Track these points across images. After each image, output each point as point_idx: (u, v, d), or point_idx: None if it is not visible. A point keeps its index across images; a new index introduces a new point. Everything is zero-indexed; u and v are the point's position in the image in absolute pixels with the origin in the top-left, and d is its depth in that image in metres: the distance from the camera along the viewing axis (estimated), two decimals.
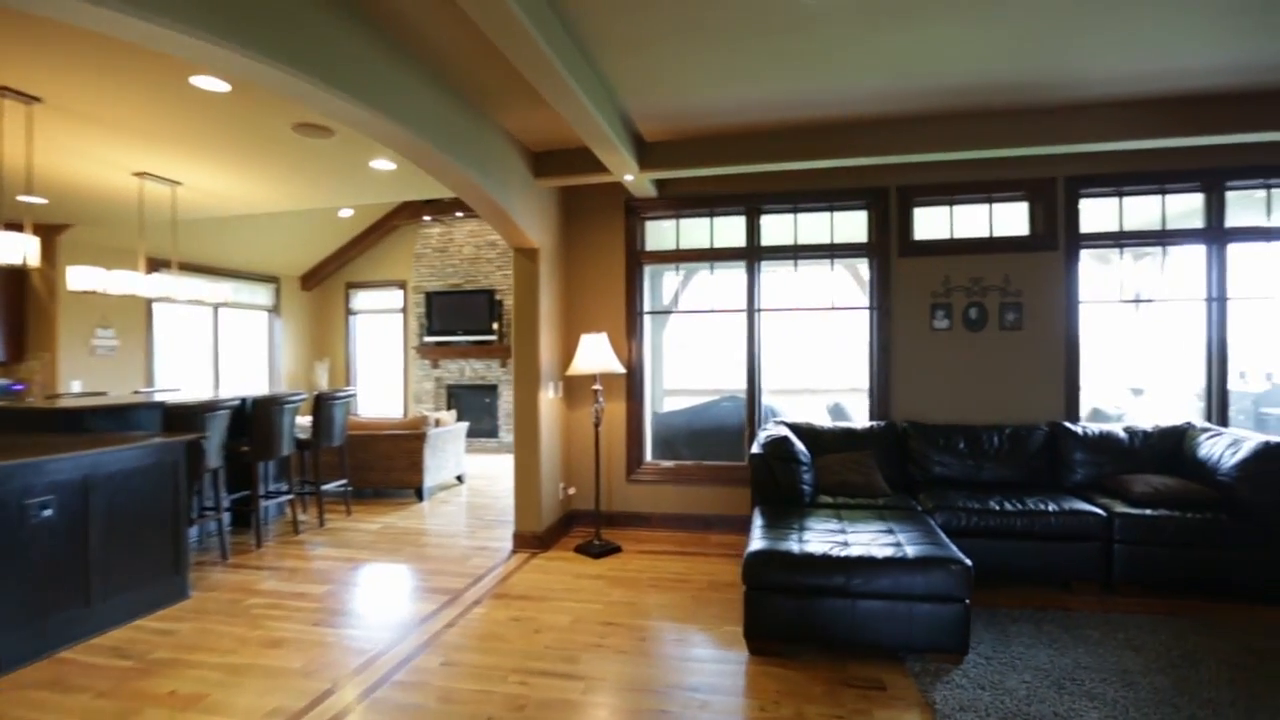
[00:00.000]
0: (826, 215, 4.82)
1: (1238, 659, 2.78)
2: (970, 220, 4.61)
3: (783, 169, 4.32)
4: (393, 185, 5.29)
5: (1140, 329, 5.22)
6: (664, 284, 5.76)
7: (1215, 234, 4.27)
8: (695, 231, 5.07)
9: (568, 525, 4.98)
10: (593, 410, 4.55)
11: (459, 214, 8.69)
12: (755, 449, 4.04)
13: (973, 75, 3.33)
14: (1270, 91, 3.56)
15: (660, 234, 5.19)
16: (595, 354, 4.45)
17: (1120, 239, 4.40)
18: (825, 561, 2.84)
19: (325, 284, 9.57)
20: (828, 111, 3.81)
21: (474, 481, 6.84)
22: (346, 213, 8.29)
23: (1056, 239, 4.42)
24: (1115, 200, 4.41)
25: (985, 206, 4.57)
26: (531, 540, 4.48)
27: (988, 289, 4.50)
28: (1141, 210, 4.45)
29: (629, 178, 4.41)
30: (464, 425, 6.74)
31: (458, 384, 8.94)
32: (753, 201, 4.86)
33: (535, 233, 4.46)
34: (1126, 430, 4.11)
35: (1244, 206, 4.33)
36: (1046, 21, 2.80)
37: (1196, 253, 4.36)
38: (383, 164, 4.65)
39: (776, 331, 5.31)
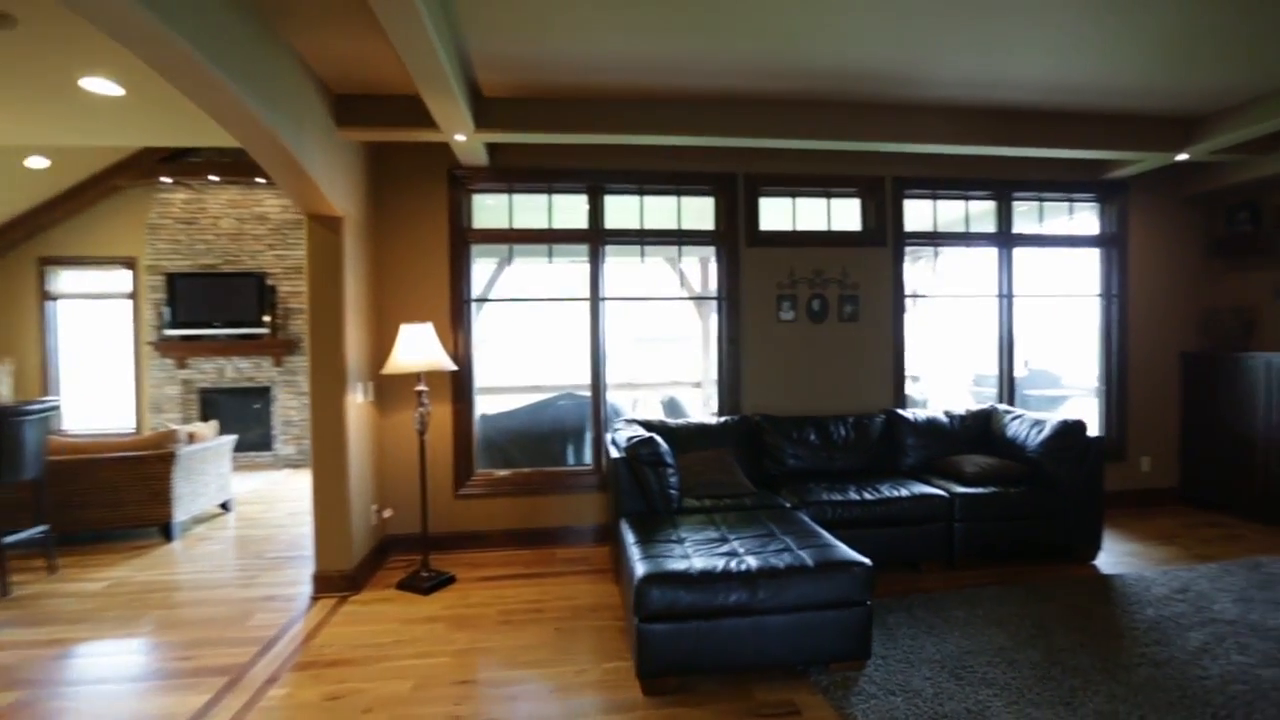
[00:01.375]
0: (674, 200, 4.56)
1: (1073, 620, 3.00)
2: (811, 213, 4.66)
3: (633, 142, 3.93)
4: (116, 121, 3.93)
5: (920, 322, 5.78)
6: (481, 268, 5.08)
7: (1005, 238, 4.81)
8: (530, 209, 4.49)
9: (384, 555, 4.11)
10: (416, 415, 3.77)
11: (213, 178, 7.01)
12: (617, 452, 3.62)
13: (842, 57, 3.25)
14: (1058, 112, 4.01)
15: (490, 210, 4.52)
16: (420, 348, 3.67)
17: (935, 238, 4.76)
18: (727, 578, 2.51)
19: (6, 260, 7.14)
20: (687, 81, 3.51)
21: (245, 508, 5.48)
22: (39, 161, 6.20)
23: (886, 235, 4.64)
24: (931, 203, 4.76)
25: (824, 201, 4.66)
26: (340, 581, 3.57)
27: (828, 281, 4.59)
28: (947, 212, 4.87)
29: (460, 138, 3.70)
30: (230, 439, 5.36)
31: (216, 387, 7.22)
32: (596, 179, 4.42)
33: (339, 197, 3.55)
34: (946, 414, 4.43)
35: (1025, 215, 4.93)
36: (932, 7, 2.76)
37: (989, 254, 4.87)
38: (102, 85, 3.37)
39: (614, 324, 4.94)
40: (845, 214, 4.70)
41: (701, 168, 4.47)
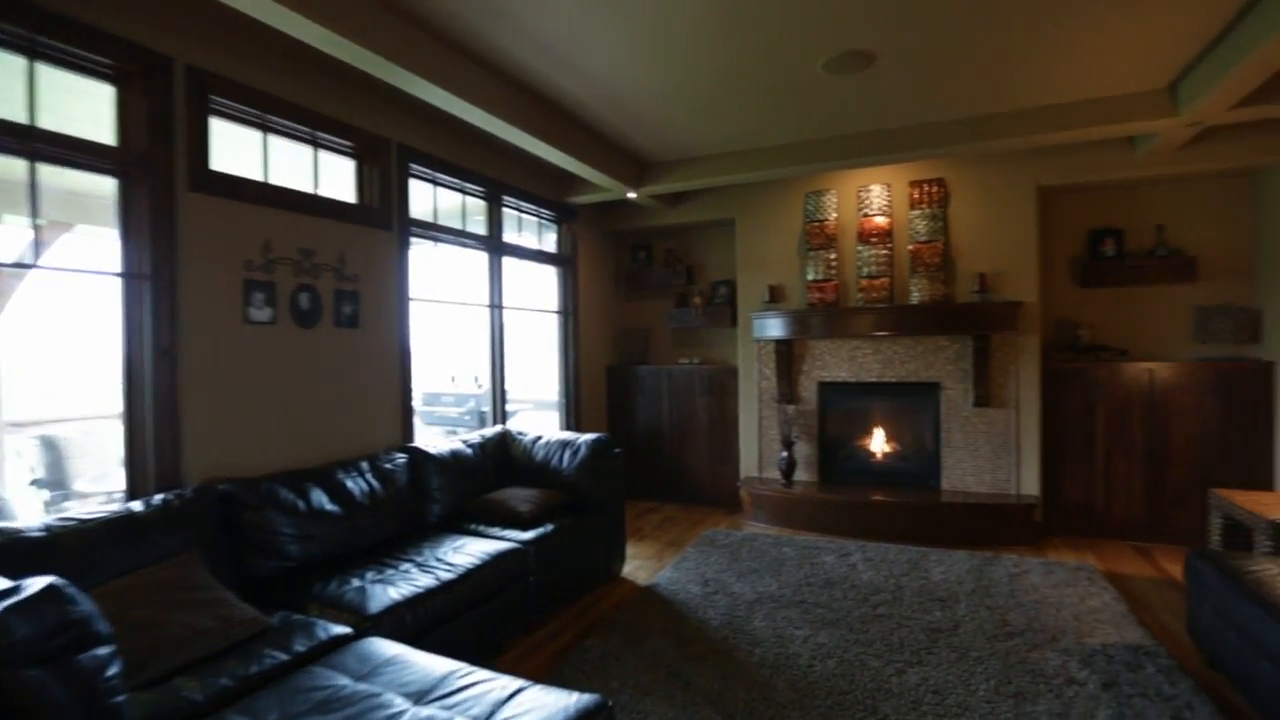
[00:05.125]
0: (23, 64, 2.22)
1: (685, 653, 2.81)
2: (293, 166, 3.11)
3: None
4: None
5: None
6: None
7: (496, 244, 4.42)
8: None
9: None
10: None
11: None
12: None
13: None
14: (582, 122, 3.89)
15: None
16: None
17: (436, 230, 3.93)
18: None
19: None
20: None
21: None
22: None
23: (391, 217, 3.54)
24: (432, 188, 3.92)
25: (311, 150, 3.19)
26: None
27: (321, 268, 3.15)
28: (444, 202, 4.13)
29: None
30: None
31: None
32: None
33: None
34: (466, 444, 3.70)
35: (509, 224, 4.66)
36: None
37: (480, 258, 4.40)
38: None
39: None
40: (337, 178, 3.37)
41: (98, 20, 2.34)
